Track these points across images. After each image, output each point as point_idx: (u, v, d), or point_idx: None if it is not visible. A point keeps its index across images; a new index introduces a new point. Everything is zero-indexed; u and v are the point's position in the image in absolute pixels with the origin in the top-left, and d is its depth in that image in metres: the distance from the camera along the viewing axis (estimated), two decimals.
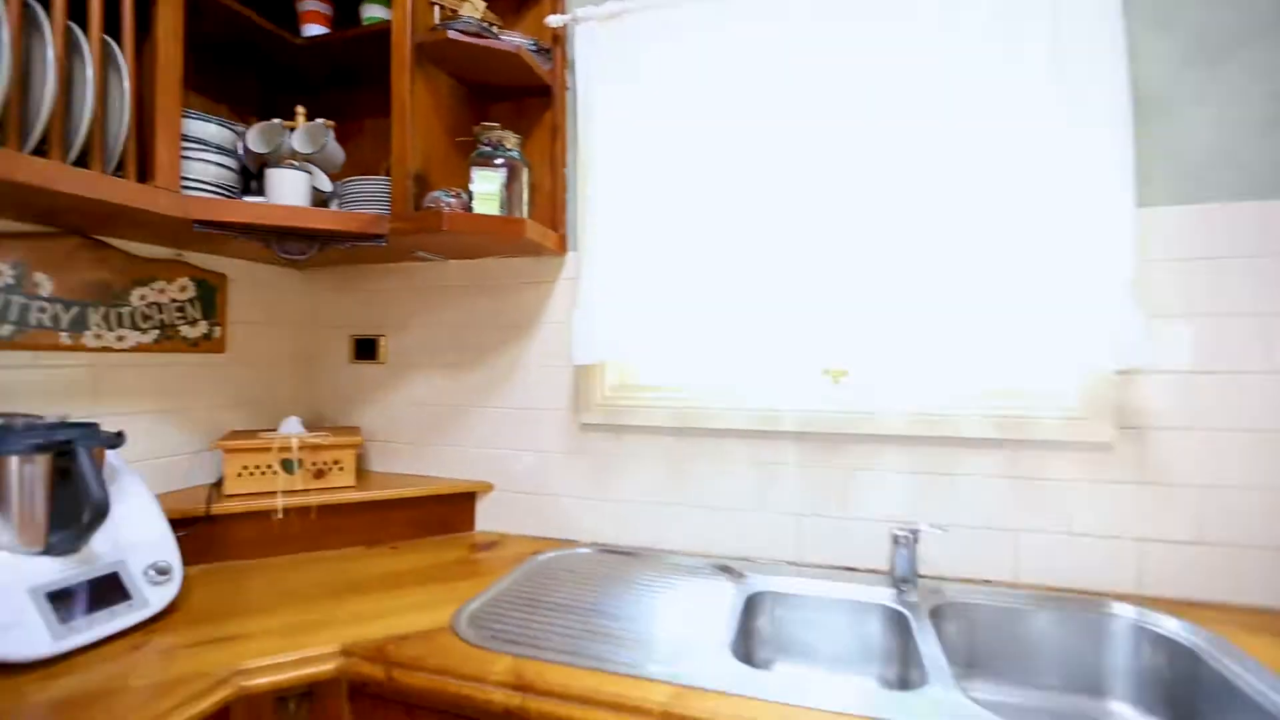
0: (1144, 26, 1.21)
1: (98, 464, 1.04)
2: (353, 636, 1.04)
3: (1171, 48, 1.21)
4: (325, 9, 1.52)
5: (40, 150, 1.00)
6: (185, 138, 1.22)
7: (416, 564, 1.39)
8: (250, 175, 1.44)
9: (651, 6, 1.40)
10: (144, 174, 1.15)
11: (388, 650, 1.00)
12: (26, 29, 0.98)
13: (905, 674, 1.13)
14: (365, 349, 1.76)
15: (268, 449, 1.47)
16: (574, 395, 1.57)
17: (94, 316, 1.32)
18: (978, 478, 1.29)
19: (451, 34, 1.30)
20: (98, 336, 1.33)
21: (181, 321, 1.50)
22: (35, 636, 0.92)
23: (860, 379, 1.36)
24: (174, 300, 1.48)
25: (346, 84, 1.64)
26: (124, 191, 1.09)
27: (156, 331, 1.44)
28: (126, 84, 1.11)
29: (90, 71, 1.04)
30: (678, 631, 1.06)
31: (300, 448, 1.49)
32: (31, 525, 1.00)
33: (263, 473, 1.47)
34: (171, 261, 1.48)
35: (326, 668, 1.00)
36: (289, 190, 1.30)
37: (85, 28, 1.05)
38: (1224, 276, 1.18)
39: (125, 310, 1.38)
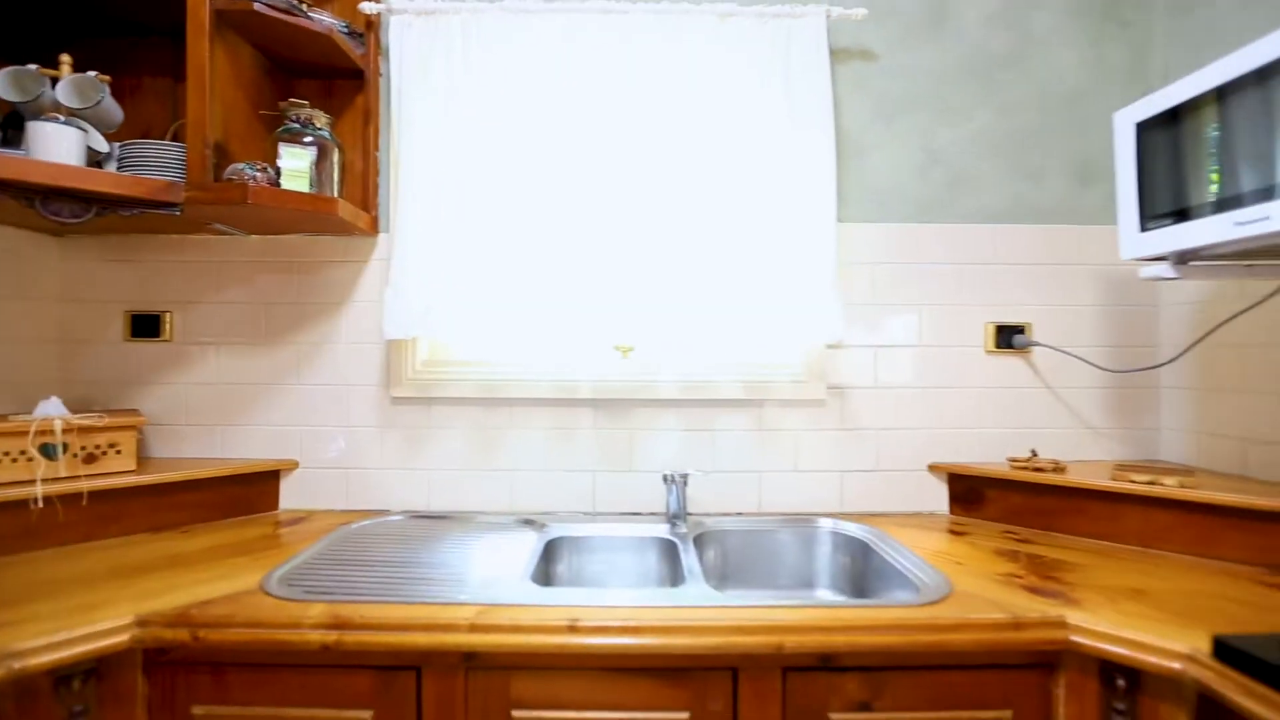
0: (845, 87, 1.61)
1: None
2: (147, 609, 1.01)
3: (863, 105, 1.63)
4: None
5: None
6: None
7: (213, 543, 1.36)
8: None
9: (464, 10, 1.51)
10: None
11: (192, 614, 1.00)
12: None
13: (674, 585, 1.40)
14: (145, 326, 1.63)
15: (22, 433, 1.33)
16: (385, 371, 1.63)
17: None
18: (732, 431, 1.62)
19: (258, 6, 1.30)
20: None
21: None
22: None
23: (644, 354, 1.62)
24: None
25: (118, 35, 1.51)
26: None
27: None
28: None
29: None
30: (484, 571, 1.21)
31: (65, 430, 1.37)
32: None
33: (14, 460, 1.33)
34: None
35: (119, 640, 0.97)
36: (58, 146, 1.20)
37: None
38: (895, 277, 1.63)
39: None
